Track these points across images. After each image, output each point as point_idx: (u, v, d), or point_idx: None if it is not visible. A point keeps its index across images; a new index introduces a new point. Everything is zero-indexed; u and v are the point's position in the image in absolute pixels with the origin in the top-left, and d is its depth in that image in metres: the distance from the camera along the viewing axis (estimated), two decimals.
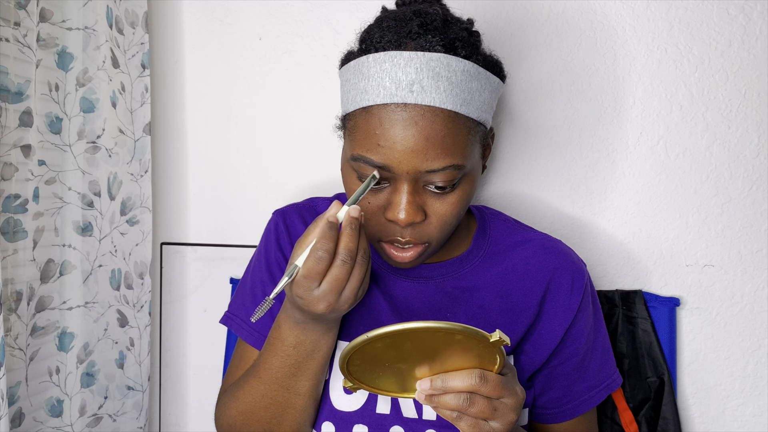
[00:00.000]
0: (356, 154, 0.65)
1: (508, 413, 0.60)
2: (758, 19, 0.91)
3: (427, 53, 0.62)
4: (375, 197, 0.66)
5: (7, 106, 0.84)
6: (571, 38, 0.97)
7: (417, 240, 0.67)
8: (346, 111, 0.68)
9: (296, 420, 0.73)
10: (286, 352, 0.69)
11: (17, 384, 0.88)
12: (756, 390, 0.96)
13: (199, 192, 1.14)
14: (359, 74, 0.65)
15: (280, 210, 0.84)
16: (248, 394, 0.73)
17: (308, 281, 0.61)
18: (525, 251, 0.79)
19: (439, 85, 0.62)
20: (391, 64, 0.62)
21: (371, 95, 0.63)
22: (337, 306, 0.62)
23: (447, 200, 0.66)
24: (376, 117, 0.63)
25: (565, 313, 0.77)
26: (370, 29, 0.68)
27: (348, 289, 0.62)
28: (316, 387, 0.72)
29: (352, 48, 0.71)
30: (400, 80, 0.62)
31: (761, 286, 0.95)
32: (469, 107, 0.64)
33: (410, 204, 0.64)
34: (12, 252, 0.86)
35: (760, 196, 0.94)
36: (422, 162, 0.62)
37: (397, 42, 0.63)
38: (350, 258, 0.60)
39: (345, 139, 0.70)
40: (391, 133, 0.62)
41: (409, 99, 0.61)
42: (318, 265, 0.60)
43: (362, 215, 0.62)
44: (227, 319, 0.84)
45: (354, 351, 0.58)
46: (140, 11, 1.04)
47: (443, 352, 0.58)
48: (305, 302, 0.62)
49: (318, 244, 0.59)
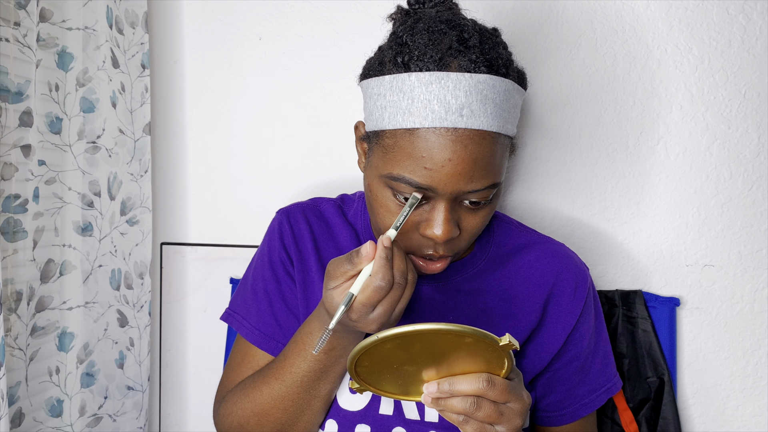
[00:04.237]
0: (397, 174, 0.63)
1: (515, 418, 0.60)
2: (758, 19, 0.91)
3: (474, 75, 0.61)
4: (411, 214, 0.66)
5: (7, 106, 0.84)
6: (571, 38, 0.97)
7: (449, 253, 0.68)
8: (381, 127, 0.65)
9: (311, 421, 0.73)
10: (316, 357, 0.69)
11: (17, 384, 0.88)
12: (756, 390, 0.96)
13: (199, 192, 1.14)
14: (400, 92, 0.63)
15: (285, 209, 0.84)
16: (267, 395, 0.72)
17: (366, 308, 0.61)
18: (528, 255, 0.79)
19: (487, 108, 0.62)
20: (439, 87, 0.61)
21: (418, 117, 0.62)
22: (387, 324, 0.63)
23: (479, 214, 0.67)
24: (422, 140, 0.62)
25: (568, 317, 0.77)
26: (400, 39, 0.65)
27: (398, 309, 0.62)
28: (334, 389, 0.73)
29: (381, 57, 0.67)
30: (450, 104, 0.61)
31: (761, 286, 0.95)
32: (507, 125, 0.65)
33: (448, 222, 0.64)
34: (12, 252, 0.86)
35: (760, 196, 0.94)
36: (467, 184, 0.63)
37: (440, 61, 0.62)
38: (404, 279, 0.61)
39: (375, 153, 0.67)
40: (439, 157, 0.61)
41: (459, 123, 0.61)
42: (378, 294, 0.60)
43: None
44: (228, 316, 0.83)
45: (363, 352, 0.58)
46: (140, 11, 1.04)
47: (451, 355, 0.58)
48: (358, 324, 0.62)
49: (379, 274, 0.59)
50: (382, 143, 0.65)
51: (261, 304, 0.80)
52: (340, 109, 1.06)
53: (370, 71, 0.68)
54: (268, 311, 0.80)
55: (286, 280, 0.80)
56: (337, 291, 0.61)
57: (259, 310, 0.80)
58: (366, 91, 0.68)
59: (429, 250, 0.67)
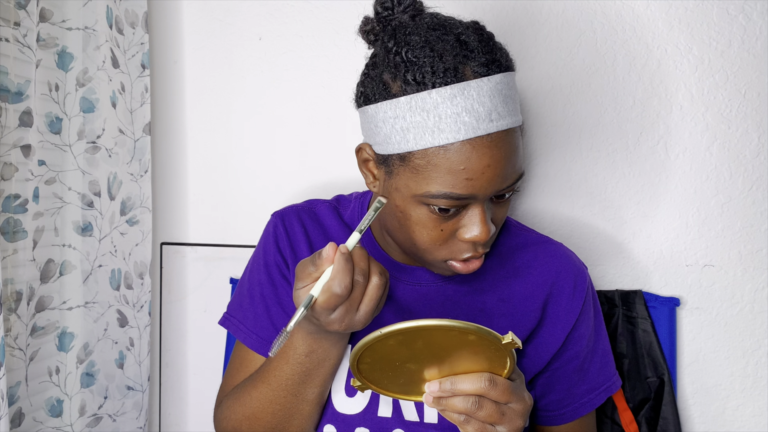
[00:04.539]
0: (437, 192, 0.63)
1: (516, 419, 0.60)
2: (758, 19, 0.91)
3: (491, 78, 0.62)
4: (447, 223, 0.66)
5: (7, 106, 0.84)
6: (571, 38, 0.97)
7: (487, 249, 0.69)
8: (405, 149, 0.63)
9: (301, 426, 0.73)
10: (297, 360, 0.69)
11: (17, 384, 0.88)
12: (756, 390, 0.96)
13: (199, 192, 1.14)
14: (422, 111, 0.61)
15: (279, 212, 0.84)
16: (255, 399, 0.73)
17: (326, 311, 0.60)
18: (527, 254, 0.79)
19: (508, 105, 0.63)
20: (463, 98, 0.61)
21: (450, 132, 0.61)
22: (353, 324, 0.62)
23: (505, 205, 0.69)
24: (459, 153, 0.62)
25: (567, 317, 0.77)
26: (401, 57, 0.63)
27: (362, 310, 0.62)
28: (323, 394, 0.73)
29: (382, 79, 0.65)
30: (479, 112, 0.61)
31: (761, 286, 0.95)
32: (519, 114, 0.66)
33: (486, 222, 0.65)
34: (12, 252, 0.86)
35: (760, 196, 0.94)
36: (502, 182, 0.64)
37: (453, 71, 0.61)
38: (363, 276, 0.61)
39: (401, 175, 0.65)
40: (478, 165, 0.62)
41: (492, 128, 0.62)
42: (335, 300, 0.59)
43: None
44: (225, 320, 0.83)
45: (366, 348, 0.58)
46: (140, 11, 1.04)
47: (454, 353, 0.58)
48: (321, 323, 0.62)
49: (335, 280, 0.59)
50: (411, 164, 0.64)
51: (257, 308, 0.80)
52: (340, 110, 1.06)
53: (374, 95, 0.66)
54: (264, 315, 0.80)
55: (281, 284, 0.80)
56: (303, 291, 0.61)
57: (255, 314, 0.80)
58: (375, 116, 0.66)
59: (469, 252, 0.67)
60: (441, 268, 0.71)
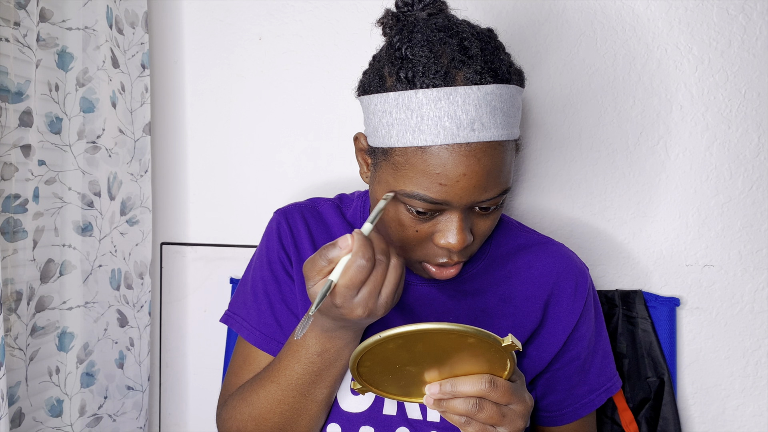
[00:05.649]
0: (411, 192, 0.63)
1: (517, 420, 0.60)
2: (758, 19, 0.91)
3: (482, 87, 0.61)
4: (423, 225, 0.66)
5: (7, 106, 0.84)
6: (571, 38, 0.97)
7: (463, 258, 0.68)
8: (389, 144, 0.64)
9: (308, 426, 0.73)
10: (309, 359, 0.68)
11: (17, 384, 0.88)
12: (756, 390, 0.96)
13: (199, 192, 1.14)
14: (407, 110, 0.62)
15: (282, 209, 0.84)
16: (263, 398, 0.72)
17: (349, 290, 0.59)
18: (528, 255, 0.79)
19: (496, 118, 0.62)
20: (448, 102, 0.60)
21: (429, 135, 0.61)
22: (375, 310, 0.61)
23: (490, 218, 0.68)
24: (436, 157, 0.61)
25: (569, 318, 0.77)
26: (399, 53, 0.64)
27: (384, 293, 0.61)
28: (332, 395, 0.73)
29: (380, 71, 0.66)
30: (461, 119, 0.60)
31: (761, 286, 0.95)
32: (513, 130, 0.65)
33: (462, 231, 0.64)
34: (12, 252, 0.86)
35: (760, 196, 0.94)
36: (481, 194, 0.63)
37: (445, 75, 0.61)
38: (385, 256, 0.60)
39: (384, 169, 0.66)
40: (453, 172, 0.61)
41: (472, 138, 0.61)
42: (360, 274, 0.59)
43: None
44: (228, 317, 0.83)
45: (366, 351, 0.58)
46: (140, 11, 1.04)
47: (454, 355, 0.58)
48: (344, 310, 0.61)
49: (359, 253, 0.58)
50: (392, 160, 0.65)
51: (261, 305, 0.80)
52: (340, 109, 1.06)
53: (371, 86, 0.67)
54: (268, 312, 0.79)
55: (285, 281, 0.80)
56: (318, 285, 0.61)
57: (259, 310, 0.80)
58: (368, 107, 0.67)
59: (443, 258, 0.67)
60: (417, 269, 0.71)
